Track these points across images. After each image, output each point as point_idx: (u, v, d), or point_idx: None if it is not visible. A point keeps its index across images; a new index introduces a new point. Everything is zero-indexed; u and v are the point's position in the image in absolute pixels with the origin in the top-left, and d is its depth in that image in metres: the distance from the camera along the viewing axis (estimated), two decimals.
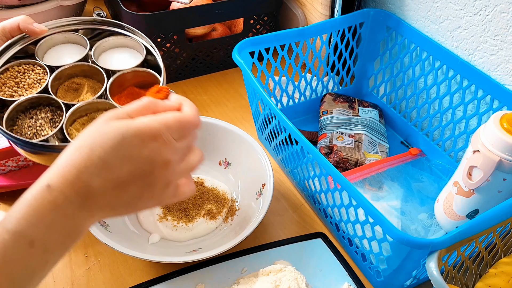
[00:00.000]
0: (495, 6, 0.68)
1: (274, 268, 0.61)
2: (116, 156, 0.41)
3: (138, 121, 0.43)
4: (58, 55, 0.71)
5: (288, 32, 0.79)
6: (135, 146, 0.41)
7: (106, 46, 0.72)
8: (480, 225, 0.51)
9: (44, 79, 0.67)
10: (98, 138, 0.41)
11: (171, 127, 0.43)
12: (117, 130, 0.41)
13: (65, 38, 0.72)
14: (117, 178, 0.41)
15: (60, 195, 0.40)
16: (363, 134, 0.80)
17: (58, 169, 0.41)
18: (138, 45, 0.72)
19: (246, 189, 0.73)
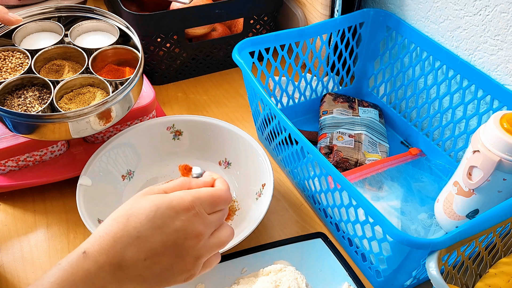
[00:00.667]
0: (495, 6, 0.68)
1: (274, 268, 0.61)
2: (150, 227, 0.43)
3: (172, 194, 0.45)
4: (34, 41, 0.74)
5: (288, 32, 0.79)
6: (169, 217, 0.43)
7: (80, 30, 0.76)
8: (480, 225, 0.51)
9: (26, 63, 0.70)
10: (134, 209, 0.43)
11: (204, 201, 0.45)
12: (152, 202, 0.44)
13: (39, 26, 0.76)
14: (150, 249, 0.42)
15: (94, 263, 0.41)
16: (363, 134, 0.80)
17: (95, 237, 0.43)
18: (112, 27, 0.76)
19: (246, 189, 0.73)
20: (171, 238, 0.43)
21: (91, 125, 0.65)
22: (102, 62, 0.74)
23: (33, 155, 0.72)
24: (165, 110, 0.90)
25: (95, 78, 0.70)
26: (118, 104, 0.67)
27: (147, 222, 0.43)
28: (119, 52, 0.74)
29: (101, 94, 0.69)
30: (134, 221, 0.43)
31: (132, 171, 0.75)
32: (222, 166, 0.77)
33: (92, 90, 0.70)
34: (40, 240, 0.68)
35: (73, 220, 0.70)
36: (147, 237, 0.42)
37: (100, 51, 0.73)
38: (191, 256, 0.45)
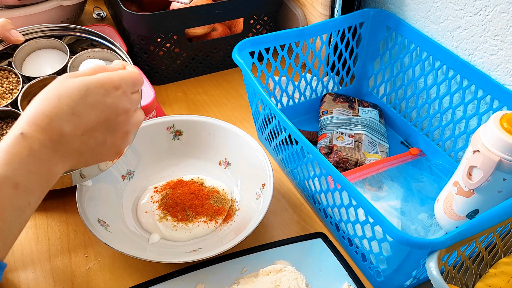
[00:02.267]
0: (495, 6, 0.68)
1: (274, 268, 0.61)
2: (83, 104, 0.46)
3: (100, 75, 0.48)
4: (37, 61, 0.71)
5: (288, 32, 0.79)
6: (100, 95, 0.47)
7: (88, 57, 0.73)
8: (480, 225, 0.51)
9: (16, 90, 0.66)
10: (63, 90, 0.46)
11: (127, 81, 0.50)
12: (81, 82, 0.46)
13: (46, 44, 0.73)
14: (85, 124, 0.46)
15: (35, 141, 0.44)
16: (363, 134, 0.80)
17: (28, 118, 0.45)
18: (116, 58, 0.72)
19: (246, 189, 0.73)
20: (104, 114, 0.47)
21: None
22: None
23: None
24: (165, 110, 0.90)
25: None
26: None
27: (80, 100, 0.45)
28: None
29: None
30: (66, 100, 0.45)
31: (132, 171, 0.75)
32: (222, 166, 0.77)
33: None
34: (40, 240, 0.68)
35: (73, 220, 0.70)
36: (82, 114, 0.46)
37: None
38: (121, 131, 0.49)
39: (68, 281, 0.63)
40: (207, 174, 0.76)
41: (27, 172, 0.43)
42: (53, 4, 0.91)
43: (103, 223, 0.64)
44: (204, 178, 0.75)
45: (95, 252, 0.66)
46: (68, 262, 0.65)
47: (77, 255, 0.66)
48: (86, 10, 1.12)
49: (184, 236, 0.67)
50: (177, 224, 0.67)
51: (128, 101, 0.49)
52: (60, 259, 0.65)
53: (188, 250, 0.65)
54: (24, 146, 0.43)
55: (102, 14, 1.14)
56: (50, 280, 0.63)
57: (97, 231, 0.61)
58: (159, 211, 0.69)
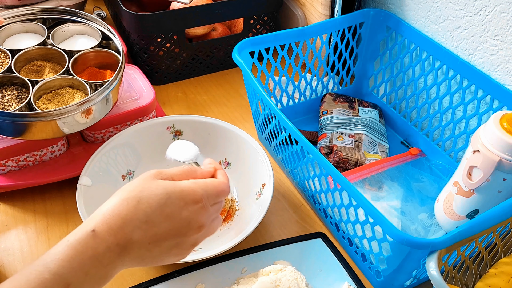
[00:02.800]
0: (495, 6, 0.68)
1: (274, 268, 0.61)
2: (159, 214, 0.44)
3: (183, 183, 0.46)
4: (17, 42, 0.75)
5: (288, 32, 0.79)
6: (178, 207, 0.45)
7: (63, 32, 0.77)
8: (480, 225, 0.51)
9: (6, 62, 0.71)
10: (145, 193, 0.44)
11: (210, 194, 0.48)
12: (164, 189, 0.45)
13: (24, 27, 0.77)
14: (155, 234, 0.44)
15: (103, 243, 0.42)
16: (363, 134, 0.80)
17: (105, 216, 0.43)
18: (94, 31, 0.77)
19: (246, 189, 0.73)
20: (176, 227, 0.45)
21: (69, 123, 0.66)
22: (83, 65, 0.74)
23: (33, 155, 0.72)
24: (165, 110, 0.90)
25: (75, 79, 0.70)
26: (98, 104, 0.68)
27: (157, 209, 0.44)
28: (100, 55, 0.75)
29: (80, 96, 0.70)
30: (144, 205, 0.44)
31: (132, 171, 0.75)
32: (222, 166, 0.77)
33: (72, 91, 0.71)
34: (40, 240, 0.68)
35: (73, 220, 0.70)
36: (155, 223, 0.44)
37: (81, 54, 0.73)
38: (189, 243, 0.47)
39: None
40: None
41: (83, 274, 0.42)
42: (53, 4, 0.91)
43: None
44: None
45: None
46: None
47: None
48: (86, 10, 1.12)
49: None
50: None
51: (205, 216, 0.47)
52: None
53: None
54: (90, 246, 0.42)
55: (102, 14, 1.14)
56: None
57: None
58: None
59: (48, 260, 0.41)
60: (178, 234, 0.46)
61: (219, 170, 0.52)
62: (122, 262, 0.44)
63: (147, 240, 0.44)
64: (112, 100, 0.71)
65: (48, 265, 0.41)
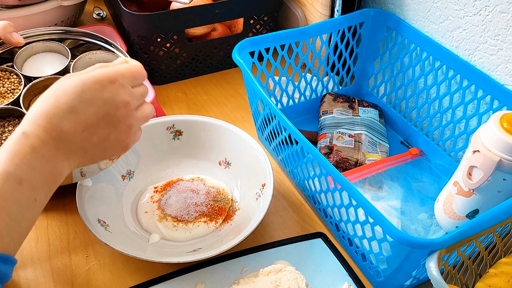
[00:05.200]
0: (495, 6, 0.68)
1: (274, 268, 0.61)
2: (80, 101, 0.46)
3: (95, 71, 0.48)
4: (38, 64, 0.71)
5: (288, 32, 0.79)
6: (96, 90, 0.47)
7: (90, 59, 0.73)
8: (480, 225, 0.51)
9: (18, 89, 0.67)
10: (61, 89, 0.47)
11: (125, 74, 0.50)
12: (78, 79, 0.47)
13: (46, 47, 0.73)
14: (84, 121, 0.46)
15: (36, 139, 0.45)
16: (363, 134, 0.80)
17: (29, 118, 0.46)
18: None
19: (246, 189, 0.73)
20: (103, 109, 0.47)
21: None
22: None
23: None
24: (165, 110, 0.90)
25: None
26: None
27: (77, 97, 0.46)
28: None
29: None
30: (63, 98, 0.46)
31: (132, 171, 0.75)
32: (222, 166, 0.77)
33: None
34: (40, 240, 0.68)
35: (73, 220, 0.70)
36: (79, 110, 0.46)
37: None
38: (123, 125, 0.49)
39: (68, 281, 0.63)
40: (207, 174, 0.76)
41: (30, 168, 0.44)
42: (53, 4, 0.91)
43: (103, 223, 0.64)
44: (204, 177, 0.75)
45: (95, 252, 0.66)
46: (68, 262, 0.65)
47: (77, 255, 0.66)
48: (86, 10, 1.12)
49: (184, 236, 0.67)
50: (177, 224, 0.67)
51: (127, 93, 0.49)
52: (60, 259, 0.65)
53: (188, 250, 0.65)
54: (26, 144, 0.44)
55: (102, 14, 1.14)
56: (50, 280, 0.63)
57: (97, 231, 0.61)
58: (159, 211, 0.69)
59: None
60: (107, 115, 0.47)
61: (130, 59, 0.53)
62: (66, 155, 0.46)
63: (79, 128, 0.46)
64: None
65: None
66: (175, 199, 0.70)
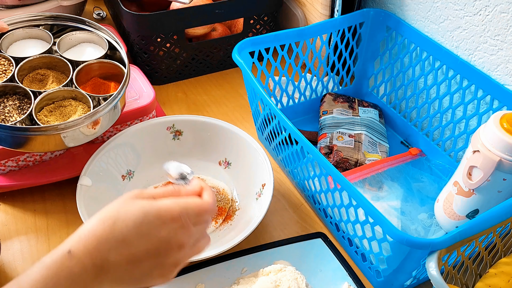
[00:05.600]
0: (495, 6, 0.68)
1: (274, 268, 0.61)
2: (136, 233, 0.43)
3: (161, 202, 0.45)
4: (21, 48, 0.73)
5: (288, 32, 0.79)
6: (155, 226, 0.44)
7: (69, 40, 0.75)
8: (480, 225, 0.51)
9: (9, 70, 0.69)
10: (122, 213, 0.44)
11: (190, 212, 0.46)
12: (141, 208, 0.44)
13: (27, 33, 0.75)
14: (133, 254, 0.43)
15: (78, 263, 0.41)
16: (363, 134, 0.80)
17: (80, 237, 0.43)
18: (101, 40, 0.75)
19: (246, 189, 0.73)
20: (155, 246, 0.44)
21: (71, 138, 0.65)
22: (87, 75, 0.73)
23: (33, 155, 0.72)
24: (165, 110, 0.90)
25: (78, 92, 0.68)
26: (103, 117, 0.66)
27: (134, 228, 0.43)
28: (105, 66, 0.73)
29: (82, 108, 0.68)
30: (120, 225, 0.43)
31: (132, 171, 0.75)
32: (222, 166, 0.77)
33: (74, 103, 0.69)
34: (40, 240, 0.68)
35: (73, 220, 0.70)
36: (132, 243, 0.43)
37: (85, 64, 0.71)
38: (171, 264, 0.46)
39: None
40: (207, 174, 0.76)
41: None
42: (53, 4, 0.91)
43: None
44: (204, 177, 0.75)
45: None
46: None
47: None
48: (86, 10, 1.12)
49: None
50: None
51: (185, 235, 0.46)
52: None
53: None
54: (66, 266, 0.41)
55: (102, 14, 1.14)
56: None
57: None
58: None
59: (23, 280, 0.40)
60: (158, 254, 0.44)
61: (206, 190, 0.50)
62: (100, 284, 0.43)
63: (125, 260, 0.43)
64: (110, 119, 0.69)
65: (22, 286, 0.40)
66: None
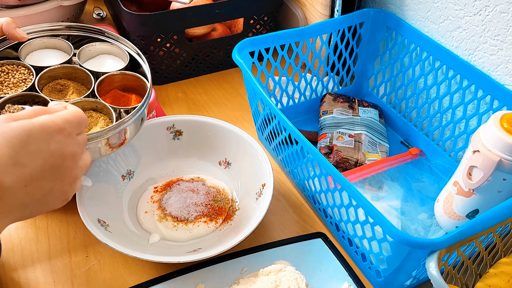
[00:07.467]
0: (495, 6, 0.68)
1: (274, 268, 0.61)
2: (26, 153, 0.41)
3: (41, 118, 0.44)
4: (40, 58, 0.71)
5: (288, 32, 0.79)
6: (43, 141, 0.42)
7: (90, 51, 0.73)
8: (480, 225, 0.51)
9: (29, 79, 0.67)
10: (1, 138, 0.41)
11: (71, 122, 0.45)
12: (22, 127, 0.41)
13: (47, 43, 0.73)
14: (29, 174, 0.41)
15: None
16: (363, 134, 0.80)
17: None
18: (122, 53, 0.73)
19: (246, 189, 0.73)
20: (49, 161, 0.43)
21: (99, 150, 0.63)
22: (108, 86, 0.71)
23: None
24: (165, 110, 0.90)
25: (99, 103, 0.66)
26: (129, 128, 0.64)
27: (22, 148, 0.41)
28: (127, 78, 0.71)
29: (103, 120, 0.66)
30: (6, 149, 0.40)
31: (132, 171, 0.75)
32: (222, 166, 0.77)
33: (95, 115, 0.67)
34: (40, 240, 0.68)
35: (73, 220, 0.70)
36: (25, 163, 0.41)
37: (108, 75, 0.69)
38: (69, 177, 0.45)
39: (68, 281, 0.63)
40: (207, 174, 0.76)
41: None
42: (53, 4, 0.91)
43: (103, 223, 0.64)
44: (204, 177, 0.75)
45: (95, 252, 0.66)
46: (68, 262, 0.65)
47: (77, 255, 0.66)
48: (86, 10, 1.12)
49: (184, 236, 0.67)
50: (177, 224, 0.67)
51: (74, 144, 0.45)
52: (60, 259, 0.65)
53: (188, 250, 0.65)
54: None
55: (102, 14, 1.14)
56: (50, 280, 0.63)
57: (97, 231, 0.61)
58: (159, 211, 0.69)
59: None
60: (54, 168, 0.43)
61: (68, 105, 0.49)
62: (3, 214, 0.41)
63: (23, 183, 0.41)
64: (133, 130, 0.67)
65: None
66: (175, 199, 0.70)
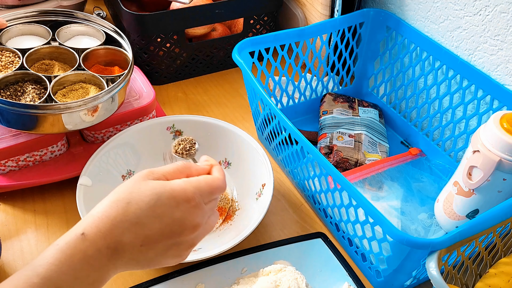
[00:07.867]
0: (495, 6, 0.68)
1: (274, 268, 0.61)
2: (150, 215, 0.43)
3: (174, 183, 0.45)
4: (20, 43, 0.75)
5: (288, 32, 0.79)
6: (169, 207, 0.44)
7: (67, 33, 0.78)
8: (480, 225, 0.51)
9: (16, 61, 0.71)
10: (135, 194, 0.43)
11: (203, 191, 0.46)
12: (154, 189, 0.44)
13: (23, 30, 0.77)
14: (147, 236, 0.43)
15: (92, 246, 0.41)
16: (363, 134, 0.80)
17: (94, 218, 0.43)
18: (97, 32, 0.79)
19: (246, 189, 0.73)
20: (169, 228, 0.44)
21: (81, 117, 0.67)
22: (91, 62, 0.75)
23: (33, 155, 0.72)
24: (165, 110, 0.90)
25: (87, 74, 0.71)
26: (106, 102, 0.68)
27: (147, 210, 0.43)
28: (110, 53, 0.76)
29: (95, 89, 0.71)
30: (134, 207, 0.43)
31: (132, 171, 0.75)
32: (222, 166, 0.77)
33: (85, 86, 0.72)
34: (40, 240, 0.68)
35: (73, 220, 0.70)
36: (146, 224, 0.43)
37: (91, 50, 0.74)
38: (185, 244, 0.46)
39: None
40: None
41: (73, 278, 0.41)
42: (53, 4, 0.91)
43: None
44: None
45: None
46: None
47: None
48: (86, 10, 1.12)
49: None
50: None
51: (199, 215, 0.46)
52: None
53: None
54: (80, 249, 0.41)
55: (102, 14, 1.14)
56: None
57: None
58: None
59: (37, 264, 0.40)
60: (172, 235, 0.44)
61: (215, 166, 0.51)
62: (115, 266, 0.43)
63: (139, 242, 0.43)
64: (119, 100, 0.72)
65: (37, 269, 0.40)
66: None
